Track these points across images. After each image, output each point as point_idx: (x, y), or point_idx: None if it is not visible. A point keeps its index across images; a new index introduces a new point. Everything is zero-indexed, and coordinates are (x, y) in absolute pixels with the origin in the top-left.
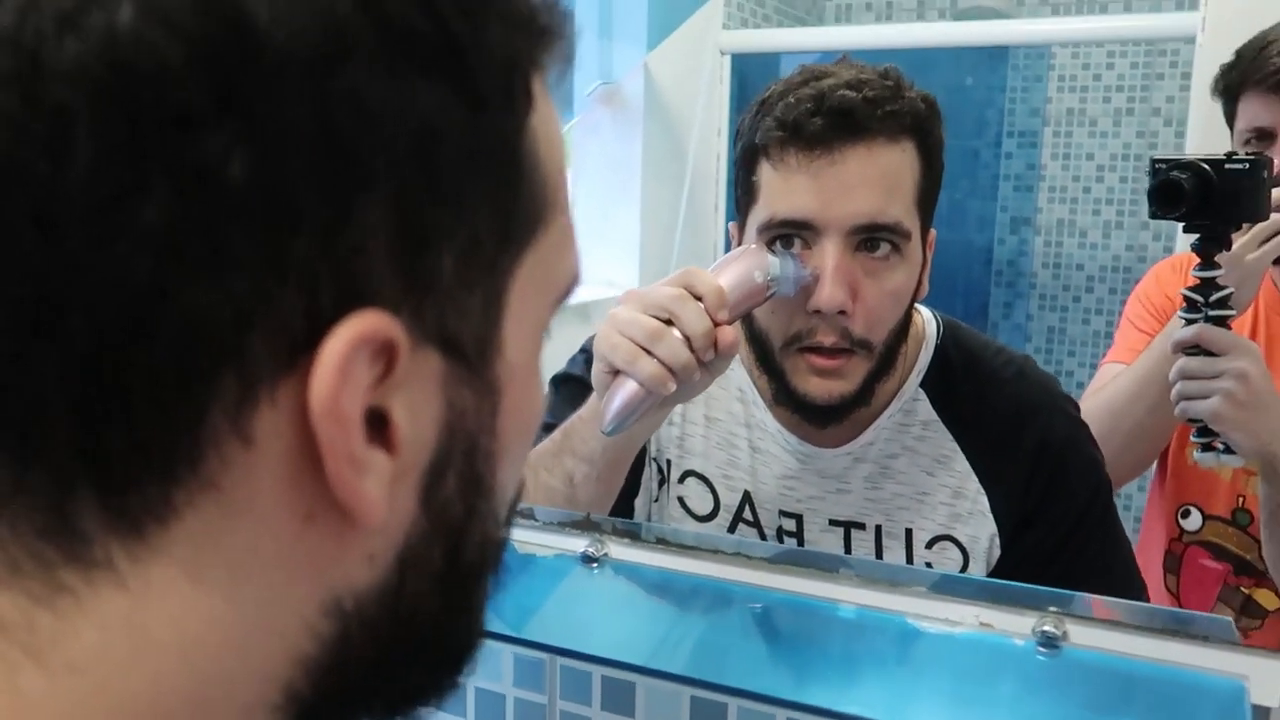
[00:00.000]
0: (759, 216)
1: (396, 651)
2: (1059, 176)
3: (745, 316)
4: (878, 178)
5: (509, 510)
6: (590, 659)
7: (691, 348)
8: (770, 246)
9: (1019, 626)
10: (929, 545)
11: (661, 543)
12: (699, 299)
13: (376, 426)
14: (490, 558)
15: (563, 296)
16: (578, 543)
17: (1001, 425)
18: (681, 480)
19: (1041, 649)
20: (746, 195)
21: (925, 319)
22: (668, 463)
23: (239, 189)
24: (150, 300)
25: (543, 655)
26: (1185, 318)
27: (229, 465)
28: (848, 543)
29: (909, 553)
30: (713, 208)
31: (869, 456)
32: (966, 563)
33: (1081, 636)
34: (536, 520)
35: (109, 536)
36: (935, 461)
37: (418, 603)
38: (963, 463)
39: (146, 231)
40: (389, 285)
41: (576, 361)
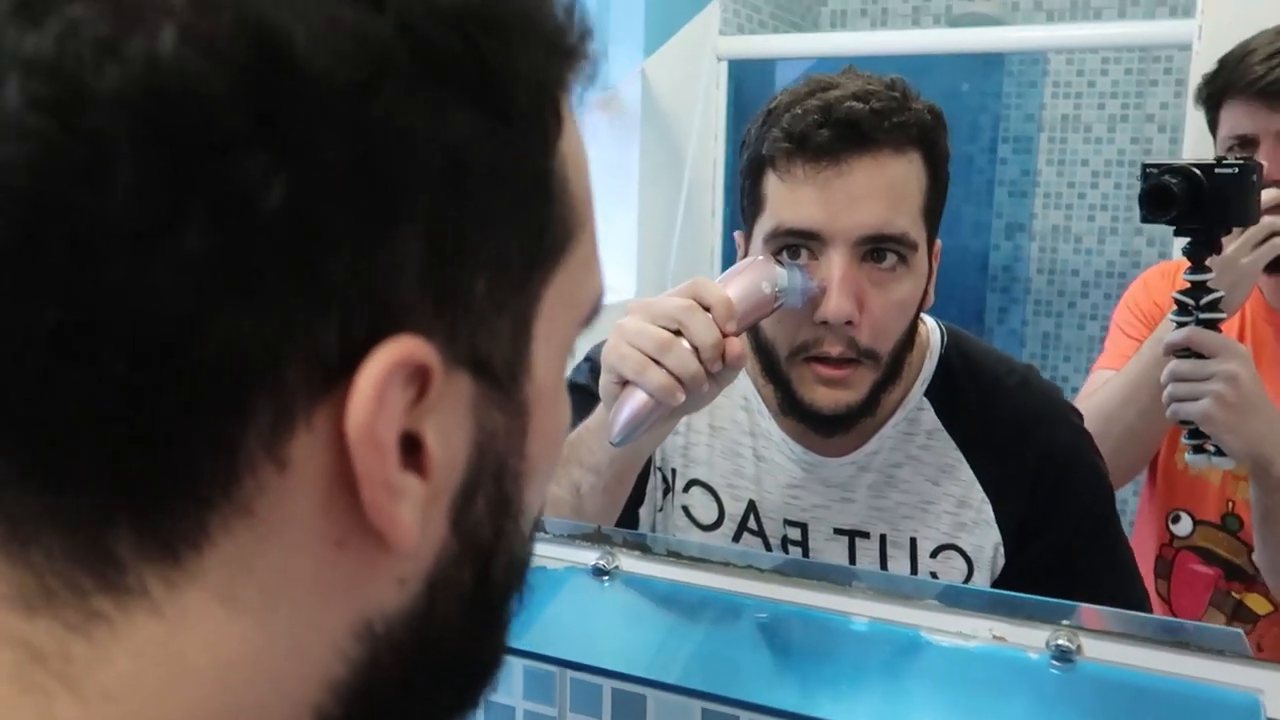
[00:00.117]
0: (765, 226)
1: (424, 673)
2: (1054, 182)
3: (752, 326)
4: (884, 189)
5: (533, 529)
6: (600, 672)
7: (700, 358)
8: (777, 257)
9: (1032, 640)
10: (933, 554)
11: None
12: (707, 310)
13: (409, 450)
14: (516, 577)
15: (588, 316)
16: (588, 555)
17: (1005, 434)
18: (686, 489)
19: (1055, 662)
20: (753, 205)
21: (930, 328)
22: (673, 472)
23: (276, 215)
24: (187, 327)
25: (553, 668)
26: (1176, 320)
27: (264, 490)
28: (852, 552)
29: (913, 562)
30: (710, 213)
31: (874, 465)
32: (971, 572)
33: (1095, 650)
34: (547, 533)
35: (143, 563)
36: (940, 471)
37: (446, 624)
38: (967, 472)
39: (184, 258)
40: (422, 309)
41: (581, 370)
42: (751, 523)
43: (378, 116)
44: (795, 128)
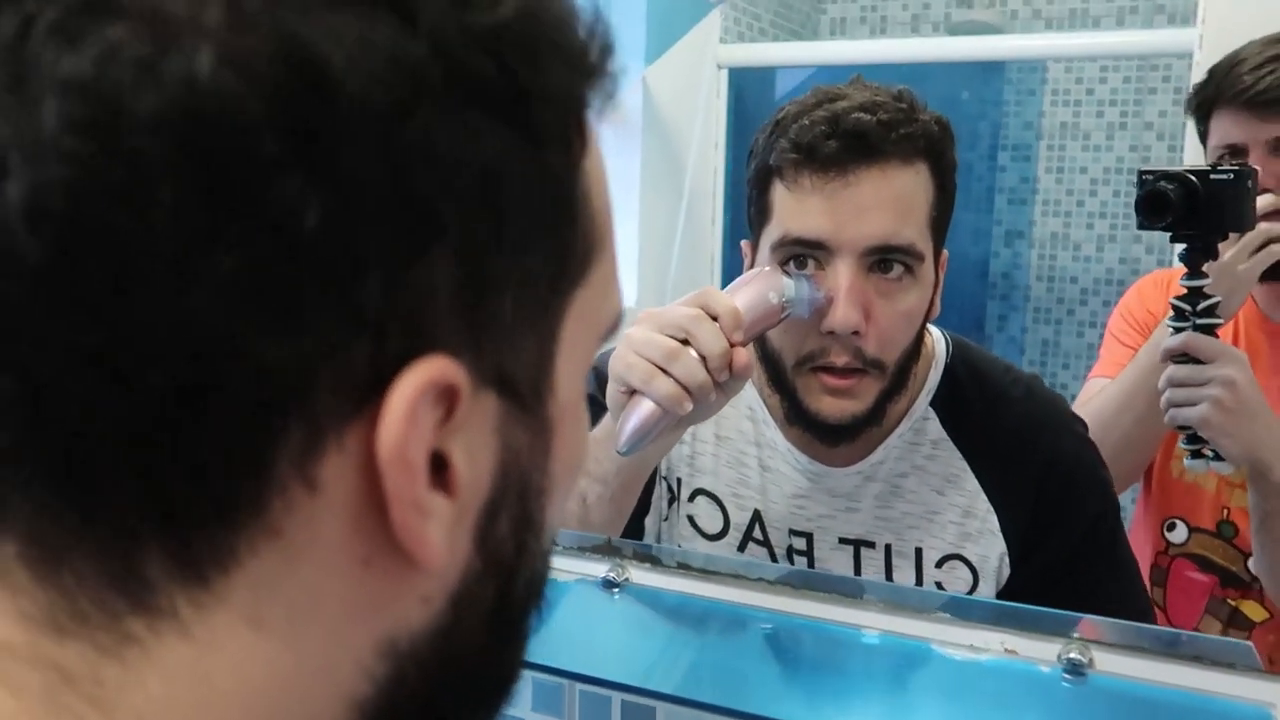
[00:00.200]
0: (772, 235)
1: (447, 689)
2: (1053, 190)
3: (759, 337)
4: (891, 200)
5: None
6: (609, 684)
7: (708, 368)
8: (784, 266)
9: (1044, 653)
10: (939, 564)
11: (683, 567)
12: (715, 319)
13: (437, 470)
14: (536, 593)
15: (608, 332)
16: (599, 567)
17: (1010, 444)
18: (691, 499)
19: (1067, 676)
20: (760, 215)
21: (935, 338)
22: (678, 481)
23: (312, 237)
24: (222, 350)
25: (562, 680)
26: (1173, 326)
27: (293, 511)
28: (857, 561)
29: (919, 572)
30: (710, 221)
31: (879, 475)
32: (976, 582)
33: (1107, 663)
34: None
35: (173, 584)
36: (945, 480)
37: (469, 640)
38: (972, 481)
39: (221, 281)
40: (452, 329)
41: (587, 380)
42: (757, 532)
43: (412, 138)
44: (803, 138)
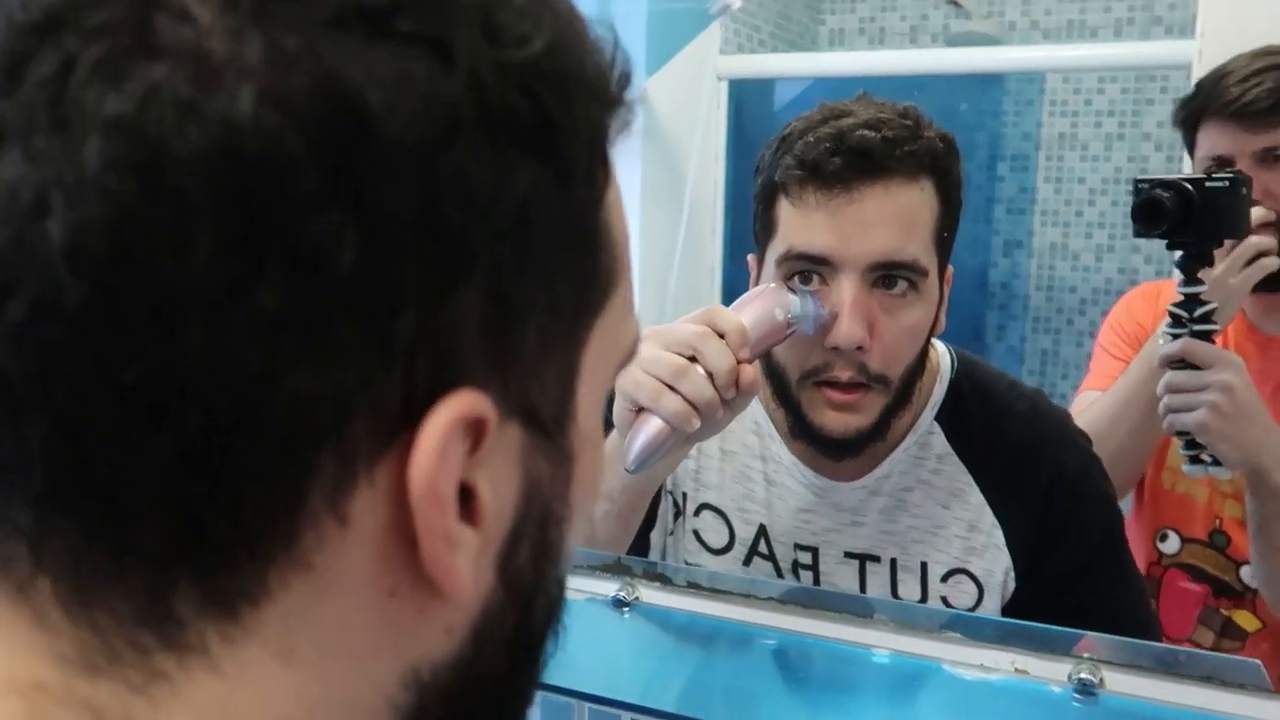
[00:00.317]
0: (777, 250)
1: (467, 716)
2: (1051, 200)
3: (764, 353)
4: (896, 216)
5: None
6: (619, 704)
7: (715, 385)
8: (788, 282)
9: (1055, 673)
10: (944, 579)
11: (693, 586)
12: (721, 336)
13: (463, 501)
14: (554, 618)
15: (626, 360)
16: (609, 587)
17: (1015, 459)
18: (697, 513)
19: (1078, 696)
20: (765, 230)
21: (940, 353)
22: (684, 496)
23: (348, 273)
24: (258, 387)
25: (570, 700)
26: (1170, 333)
27: (324, 544)
28: (862, 576)
29: (924, 586)
30: (710, 232)
31: (884, 490)
32: (981, 596)
33: (1118, 683)
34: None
35: (203, 620)
36: (950, 495)
37: (490, 668)
38: (977, 496)
39: (260, 319)
40: (479, 361)
41: None
42: (762, 546)
43: (447, 175)
44: (808, 155)
